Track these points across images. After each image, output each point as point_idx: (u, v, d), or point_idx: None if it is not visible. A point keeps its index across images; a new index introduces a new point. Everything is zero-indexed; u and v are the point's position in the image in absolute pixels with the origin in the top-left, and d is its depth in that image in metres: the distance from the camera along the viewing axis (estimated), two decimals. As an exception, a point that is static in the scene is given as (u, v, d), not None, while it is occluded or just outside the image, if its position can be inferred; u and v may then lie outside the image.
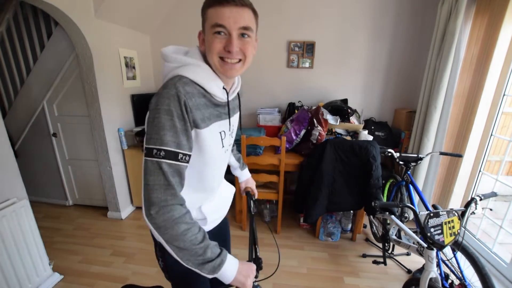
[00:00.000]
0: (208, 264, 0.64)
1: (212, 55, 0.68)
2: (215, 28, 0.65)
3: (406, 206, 1.24)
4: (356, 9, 2.59)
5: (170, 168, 0.64)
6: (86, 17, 2.02)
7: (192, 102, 0.66)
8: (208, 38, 0.68)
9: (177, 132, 0.64)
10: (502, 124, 2.65)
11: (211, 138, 0.74)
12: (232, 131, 0.86)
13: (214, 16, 0.65)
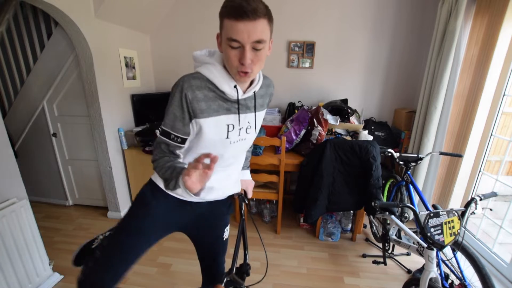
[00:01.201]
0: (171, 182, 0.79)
1: (231, 68, 0.76)
2: (230, 42, 0.71)
3: (406, 206, 1.24)
4: (356, 9, 2.59)
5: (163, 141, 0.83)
6: (86, 17, 2.02)
7: (193, 94, 0.77)
8: (224, 47, 0.74)
9: (174, 118, 0.80)
10: (502, 124, 2.65)
11: (214, 127, 0.83)
12: (246, 128, 0.91)
13: (230, 30, 0.70)
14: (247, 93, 0.85)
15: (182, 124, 0.81)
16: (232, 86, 0.81)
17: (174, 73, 3.04)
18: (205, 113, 0.80)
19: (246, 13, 0.66)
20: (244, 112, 0.88)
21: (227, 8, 0.69)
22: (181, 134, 0.82)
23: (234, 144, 0.90)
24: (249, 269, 0.85)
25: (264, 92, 0.95)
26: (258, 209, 2.72)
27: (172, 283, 1.81)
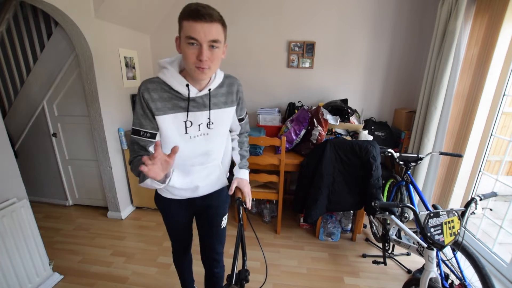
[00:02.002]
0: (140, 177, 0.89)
1: (188, 64, 0.84)
2: (188, 40, 0.80)
3: (406, 206, 1.24)
4: (356, 9, 2.59)
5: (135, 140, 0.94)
6: (86, 17, 2.02)
7: (149, 95, 0.90)
8: (183, 46, 0.83)
9: (140, 116, 0.93)
10: (502, 124, 2.65)
11: (171, 123, 0.94)
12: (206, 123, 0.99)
13: (188, 29, 0.79)
14: (202, 91, 0.94)
15: (148, 120, 0.92)
16: (184, 85, 0.91)
17: (174, 73, 3.04)
18: (161, 111, 0.91)
19: (204, 16, 0.77)
20: (201, 109, 0.96)
21: (186, 12, 0.79)
22: (149, 130, 0.93)
23: (196, 139, 0.99)
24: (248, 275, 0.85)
25: (226, 91, 1.02)
26: (258, 209, 2.72)
27: (172, 283, 1.81)
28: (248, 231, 2.34)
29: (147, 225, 2.50)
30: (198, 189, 1.10)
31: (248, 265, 1.91)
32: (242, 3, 2.71)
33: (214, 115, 1.00)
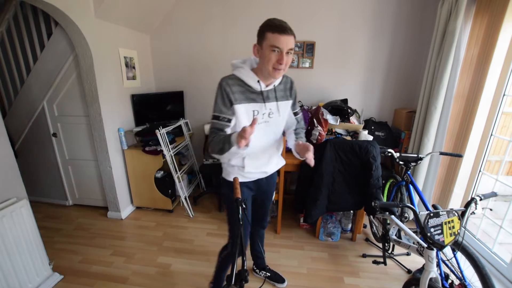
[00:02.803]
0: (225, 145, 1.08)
1: (268, 66, 1.08)
2: (273, 48, 1.04)
3: (406, 206, 1.24)
4: (356, 9, 2.59)
5: (215, 124, 1.15)
6: (86, 17, 2.02)
7: (229, 88, 1.13)
8: (266, 52, 1.06)
9: (220, 105, 1.14)
10: (502, 124, 2.65)
11: (244, 111, 1.16)
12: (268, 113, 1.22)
13: (273, 40, 1.03)
14: (268, 87, 1.18)
15: (226, 108, 1.13)
16: (256, 81, 1.15)
17: (174, 73, 3.05)
18: (238, 101, 1.14)
19: (286, 30, 1.03)
20: (266, 101, 1.19)
21: (271, 26, 1.04)
22: (227, 115, 1.14)
23: (260, 125, 1.20)
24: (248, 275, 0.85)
25: (283, 87, 1.27)
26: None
27: (172, 283, 1.81)
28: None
29: (147, 225, 2.50)
30: (264, 170, 1.33)
31: (248, 265, 1.92)
32: (242, 3, 2.71)
33: (274, 106, 1.23)
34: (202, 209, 2.80)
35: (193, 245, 2.21)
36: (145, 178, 2.60)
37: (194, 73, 3.02)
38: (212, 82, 2.99)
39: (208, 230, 2.43)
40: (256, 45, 1.13)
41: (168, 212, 2.73)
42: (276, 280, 1.80)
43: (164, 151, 2.42)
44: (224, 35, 2.84)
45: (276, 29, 1.03)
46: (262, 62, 1.10)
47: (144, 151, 2.48)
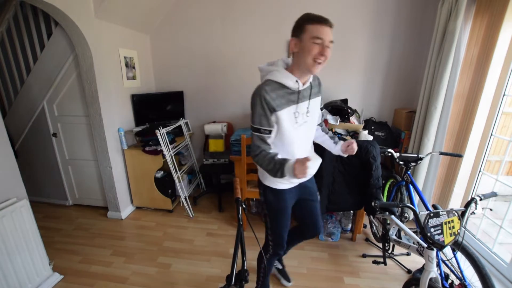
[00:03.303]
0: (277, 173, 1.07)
1: (308, 59, 1.05)
2: (315, 40, 1.02)
3: (406, 206, 1.24)
4: (356, 8, 2.59)
5: (256, 137, 1.12)
6: (86, 17, 2.02)
7: (269, 97, 1.07)
8: (307, 44, 1.04)
9: (260, 116, 1.09)
10: (502, 124, 2.65)
11: (287, 115, 1.12)
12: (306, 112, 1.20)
13: (315, 31, 1.02)
14: (305, 85, 1.16)
15: (266, 119, 1.09)
16: (294, 80, 1.11)
17: (174, 73, 3.05)
18: (279, 106, 1.10)
19: (326, 21, 1.03)
20: (303, 100, 1.17)
21: (310, 18, 1.04)
22: (267, 127, 1.11)
23: (301, 126, 1.19)
24: (248, 275, 0.85)
25: (315, 83, 1.25)
26: (258, 209, 2.72)
27: (172, 283, 1.81)
28: (248, 231, 2.34)
29: (147, 225, 2.50)
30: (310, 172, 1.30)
31: (248, 265, 1.92)
32: (242, 3, 2.71)
33: (311, 104, 1.21)
34: (202, 209, 2.80)
35: (193, 245, 2.21)
36: (145, 178, 2.60)
37: (194, 73, 3.02)
38: (212, 82, 3.01)
39: (208, 230, 2.43)
40: (293, 39, 1.09)
41: (168, 212, 2.73)
42: (284, 276, 1.82)
43: (164, 151, 2.42)
44: (224, 35, 2.84)
45: (318, 20, 1.03)
46: (301, 56, 1.07)
47: (144, 151, 2.48)
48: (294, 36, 1.08)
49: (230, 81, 2.97)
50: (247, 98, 3.18)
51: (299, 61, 1.09)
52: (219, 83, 3.01)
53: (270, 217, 1.37)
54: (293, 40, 1.09)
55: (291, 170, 1.01)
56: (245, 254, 0.96)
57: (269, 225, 1.39)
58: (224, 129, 2.92)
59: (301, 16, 1.08)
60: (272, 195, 1.31)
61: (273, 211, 1.35)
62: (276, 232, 1.39)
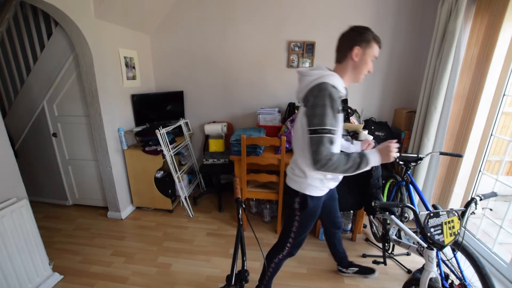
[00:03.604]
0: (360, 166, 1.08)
1: (362, 72, 1.18)
2: (373, 58, 1.16)
3: (406, 206, 1.24)
4: (356, 8, 2.59)
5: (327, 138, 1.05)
6: (86, 17, 2.02)
7: (337, 96, 1.08)
8: (367, 59, 1.15)
9: (330, 117, 1.05)
10: (502, 124, 2.65)
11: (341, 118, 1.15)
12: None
13: (376, 51, 1.16)
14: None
15: (335, 119, 1.08)
16: (344, 87, 1.18)
17: (174, 73, 3.05)
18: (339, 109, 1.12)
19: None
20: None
21: (375, 37, 1.14)
22: (336, 127, 1.09)
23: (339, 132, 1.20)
24: (248, 276, 0.85)
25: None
26: (258, 209, 2.72)
27: (172, 283, 1.81)
28: (248, 231, 2.34)
29: (147, 225, 2.50)
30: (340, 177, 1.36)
31: (248, 265, 1.92)
32: (242, 2, 2.72)
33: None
34: (202, 209, 2.80)
35: (193, 245, 2.21)
36: (145, 178, 2.60)
37: (194, 73, 3.02)
38: (212, 82, 3.01)
39: (208, 230, 2.43)
40: (359, 49, 1.12)
41: (168, 212, 2.73)
42: (366, 272, 1.84)
43: (164, 151, 2.42)
44: (224, 35, 2.84)
45: (380, 43, 1.15)
46: (358, 66, 1.15)
47: (144, 151, 2.48)
48: (359, 46, 1.12)
49: (230, 81, 2.97)
50: (247, 98, 3.19)
51: (353, 69, 1.17)
52: (219, 83, 3.01)
53: (301, 223, 1.36)
54: (358, 49, 1.12)
55: (376, 156, 1.07)
56: (245, 254, 0.96)
57: (296, 229, 1.38)
58: (224, 129, 2.92)
59: (367, 29, 1.13)
60: (313, 203, 1.30)
61: (307, 218, 1.35)
62: (300, 235, 1.41)
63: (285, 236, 1.44)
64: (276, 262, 1.52)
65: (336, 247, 1.81)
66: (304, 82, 1.15)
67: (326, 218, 1.61)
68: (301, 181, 1.27)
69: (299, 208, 1.33)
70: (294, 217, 1.36)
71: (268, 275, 1.58)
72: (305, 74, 1.16)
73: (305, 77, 1.15)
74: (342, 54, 1.17)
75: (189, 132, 3.13)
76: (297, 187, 1.30)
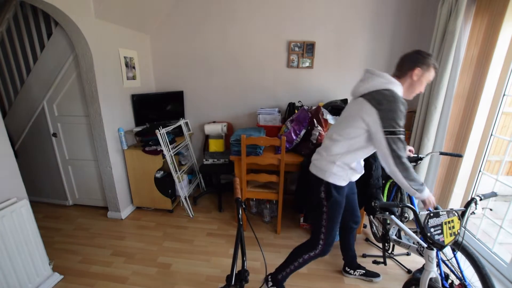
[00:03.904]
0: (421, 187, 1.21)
1: (418, 90, 1.29)
2: (428, 81, 1.28)
3: (406, 206, 1.24)
4: (356, 9, 2.59)
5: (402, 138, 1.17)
6: (86, 17, 2.02)
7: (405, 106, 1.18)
8: (423, 81, 1.26)
9: (403, 122, 1.17)
10: (502, 124, 2.65)
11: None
12: None
13: (431, 76, 1.27)
14: None
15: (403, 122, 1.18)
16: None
17: (174, 73, 3.05)
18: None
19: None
20: None
21: (435, 66, 1.24)
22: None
23: None
24: (248, 276, 0.85)
25: None
26: (258, 209, 2.72)
27: (172, 283, 1.81)
28: (248, 231, 2.35)
29: (147, 225, 2.50)
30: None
31: (248, 265, 1.92)
32: (242, 2, 2.72)
33: None
34: (202, 209, 2.80)
35: (193, 245, 2.21)
36: (145, 178, 2.60)
37: (194, 73, 3.02)
38: (212, 82, 3.01)
39: (208, 230, 2.43)
40: (420, 70, 1.23)
41: (168, 212, 2.73)
42: (372, 275, 1.83)
43: (164, 151, 2.42)
44: (224, 35, 2.84)
45: (437, 69, 1.27)
46: (414, 85, 1.26)
47: (144, 151, 2.48)
48: (421, 68, 1.22)
49: (230, 81, 2.98)
50: (247, 98, 3.19)
51: (408, 86, 1.27)
52: (219, 83, 3.01)
53: (329, 214, 1.42)
54: (419, 70, 1.23)
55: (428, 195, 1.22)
56: (245, 254, 0.96)
57: (326, 223, 1.43)
58: (224, 129, 2.92)
59: (429, 55, 1.22)
60: (336, 191, 1.38)
61: (334, 207, 1.41)
62: (332, 230, 1.45)
63: (317, 233, 1.48)
64: (305, 258, 1.53)
65: (351, 246, 1.81)
66: (373, 81, 1.24)
67: (347, 211, 1.61)
68: (327, 169, 1.36)
69: (325, 198, 1.40)
70: (322, 208, 1.42)
71: (291, 268, 1.58)
72: (378, 75, 1.24)
73: (378, 77, 1.24)
74: (403, 71, 1.26)
75: (189, 132, 3.13)
76: (321, 175, 1.38)
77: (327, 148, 1.37)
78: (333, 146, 1.34)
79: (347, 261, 1.87)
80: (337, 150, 1.33)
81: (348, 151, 1.32)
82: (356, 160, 1.36)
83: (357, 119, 1.25)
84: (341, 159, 1.33)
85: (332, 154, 1.35)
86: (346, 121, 1.33)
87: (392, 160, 1.19)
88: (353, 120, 1.28)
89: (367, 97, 1.22)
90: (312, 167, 1.45)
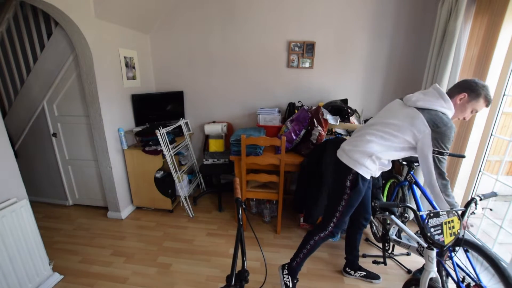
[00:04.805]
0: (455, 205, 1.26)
1: (461, 116, 1.32)
2: (474, 111, 1.30)
3: (406, 206, 1.24)
4: (356, 9, 2.59)
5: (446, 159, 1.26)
6: (86, 17, 2.02)
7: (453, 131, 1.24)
8: (468, 109, 1.29)
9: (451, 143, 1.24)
10: (502, 124, 2.65)
11: None
12: None
13: (480, 107, 1.27)
14: None
15: None
16: None
17: (174, 73, 3.05)
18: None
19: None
20: None
21: (487, 98, 1.25)
22: None
23: None
24: (248, 276, 0.85)
25: None
26: (258, 209, 2.72)
27: (172, 283, 1.81)
28: (248, 231, 2.34)
29: (147, 225, 2.50)
30: None
31: (248, 265, 1.92)
32: (242, 2, 2.72)
33: None
34: (202, 209, 2.80)
35: (193, 245, 2.21)
36: (145, 178, 2.60)
37: (194, 73, 3.02)
38: (212, 82, 3.01)
39: (208, 230, 2.43)
40: (465, 96, 1.27)
41: (168, 212, 2.73)
42: (373, 277, 1.84)
43: (164, 151, 2.42)
44: (224, 35, 2.84)
45: (488, 102, 1.26)
46: (457, 109, 1.30)
47: (144, 151, 2.48)
48: (467, 94, 1.26)
49: (230, 81, 2.97)
50: (247, 98, 3.19)
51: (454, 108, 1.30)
52: (219, 83, 3.01)
53: (349, 201, 1.47)
54: (465, 96, 1.27)
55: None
56: (245, 254, 0.96)
57: (343, 208, 1.49)
58: (224, 129, 2.92)
59: (484, 86, 1.24)
60: (362, 182, 1.43)
61: (355, 195, 1.46)
62: (346, 215, 1.51)
63: (330, 215, 1.54)
64: (315, 240, 1.59)
65: (356, 245, 1.83)
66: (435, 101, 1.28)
67: (360, 205, 1.61)
68: (360, 161, 1.40)
69: (350, 186, 1.44)
70: (343, 195, 1.47)
71: (304, 252, 1.64)
72: (442, 98, 1.28)
73: (440, 100, 1.28)
74: (454, 93, 1.30)
75: (189, 132, 3.13)
76: (352, 165, 1.42)
77: (365, 142, 1.40)
78: (373, 143, 1.38)
79: (349, 261, 1.87)
80: (376, 148, 1.37)
81: (385, 150, 1.37)
82: (389, 159, 1.42)
83: (407, 131, 1.29)
84: (376, 155, 1.37)
85: (369, 149, 1.38)
86: (395, 125, 1.34)
87: (434, 176, 1.26)
88: (403, 128, 1.31)
89: (426, 115, 1.25)
90: (343, 155, 1.48)
